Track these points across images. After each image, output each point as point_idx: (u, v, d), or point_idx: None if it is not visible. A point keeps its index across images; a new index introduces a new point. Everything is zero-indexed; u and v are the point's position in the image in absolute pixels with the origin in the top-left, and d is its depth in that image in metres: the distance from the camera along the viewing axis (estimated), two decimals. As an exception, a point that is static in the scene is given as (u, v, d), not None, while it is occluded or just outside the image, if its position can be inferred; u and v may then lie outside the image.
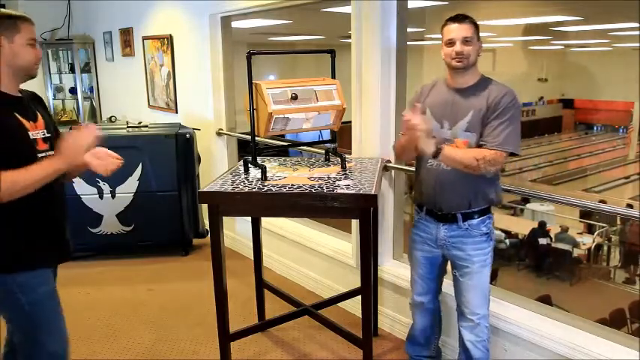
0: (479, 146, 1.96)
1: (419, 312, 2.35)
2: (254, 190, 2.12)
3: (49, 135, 1.84)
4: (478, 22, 1.99)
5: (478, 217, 2.06)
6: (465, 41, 1.94)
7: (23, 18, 1.75)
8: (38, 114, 1.85)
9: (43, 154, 1.78)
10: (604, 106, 17.14)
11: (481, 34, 2.00)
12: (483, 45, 2.03)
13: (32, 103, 1.88)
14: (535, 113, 17.07)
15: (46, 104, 2.03)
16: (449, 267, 2.26)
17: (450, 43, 1.96)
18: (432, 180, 2.07)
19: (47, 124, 1.87)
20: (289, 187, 2.11)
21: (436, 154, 1.90)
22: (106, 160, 1.95)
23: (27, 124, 1.77)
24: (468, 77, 2.01)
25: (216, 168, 4.17)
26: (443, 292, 2.39)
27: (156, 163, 3.82)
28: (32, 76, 1.80)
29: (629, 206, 8.35)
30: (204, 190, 2.18)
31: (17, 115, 1.75)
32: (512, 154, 1.97)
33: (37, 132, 1.79)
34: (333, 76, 2.41)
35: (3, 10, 1.79)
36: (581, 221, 8.70)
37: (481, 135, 1.96)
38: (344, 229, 3.29)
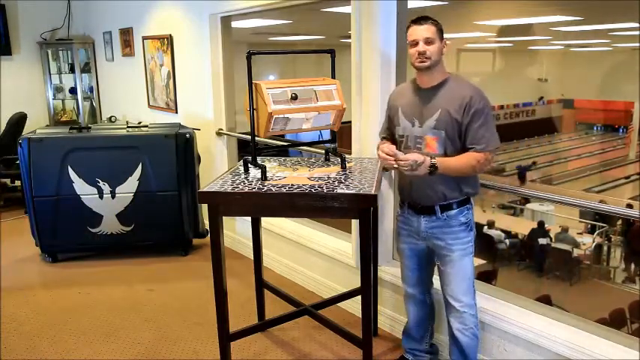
0: (464, 150, 2.05)
1: (411, 304, 2.46)
2: (254, 190, 2.12)
3: None
4: (479, 23, 2.01)
5: (456, 208, 2.15)
6: (427, 42, 2.03)
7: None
8: None
9: None
10: (604, 106, 17.11)
11: (480, 34, 2.02)
12: (483, 45, 2.06)
13: None
14: (535, 113, 17.04)
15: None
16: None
17: (413, 44, 2.05)
18: (406, 177, 2.13)
19: None
20: (289, 187, 2.11)
21: (432, 173, 1.99)
22: None
23: None
24: (434, 76, 2.10)
25: (216, 168, 4.18)
26: (436, 289, 2.41)
27: (156, 163, 3.82)
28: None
29: (629, 206, 8.32)
30: (204, 190, 2.18)
31: None
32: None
33: None
34: (333, 76, 2.41)
35: None
36: (581, 221, 8.69)
37: (463, 138, 2.05)
38: (344, 229, 3.29)
